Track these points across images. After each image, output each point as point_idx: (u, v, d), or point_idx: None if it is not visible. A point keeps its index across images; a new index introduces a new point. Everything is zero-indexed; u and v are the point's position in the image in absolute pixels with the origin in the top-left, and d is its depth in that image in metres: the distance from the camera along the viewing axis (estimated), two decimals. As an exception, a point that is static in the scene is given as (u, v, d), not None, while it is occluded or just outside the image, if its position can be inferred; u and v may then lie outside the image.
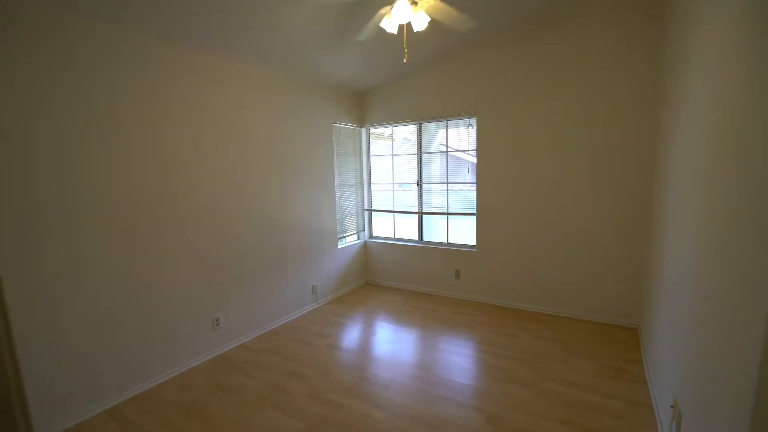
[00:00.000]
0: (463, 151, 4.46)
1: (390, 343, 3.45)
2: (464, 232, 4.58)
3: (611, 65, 3.34)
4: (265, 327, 3.68)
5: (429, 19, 2.32)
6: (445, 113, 4.33)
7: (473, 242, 4.35)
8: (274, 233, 3.73)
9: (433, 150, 4.72)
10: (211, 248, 3.15)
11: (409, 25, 2.76)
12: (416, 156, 4.74)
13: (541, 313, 3.93)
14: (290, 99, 3.85)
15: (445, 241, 4.68)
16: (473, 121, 4.19)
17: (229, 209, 3.28)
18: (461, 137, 4.46)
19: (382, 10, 2.50)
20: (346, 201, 4.84)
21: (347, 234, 4.90)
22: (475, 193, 4.24)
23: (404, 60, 2.59)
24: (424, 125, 4.63)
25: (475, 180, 4.23)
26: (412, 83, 4.48)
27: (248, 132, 3.43)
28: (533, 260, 3.95)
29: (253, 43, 3.09)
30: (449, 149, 4.60)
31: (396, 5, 2.18)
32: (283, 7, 2.66)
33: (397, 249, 4.92)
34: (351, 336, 3.59)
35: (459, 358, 3.09)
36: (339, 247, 4.68)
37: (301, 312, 4.10)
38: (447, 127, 4.52)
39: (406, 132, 5.00)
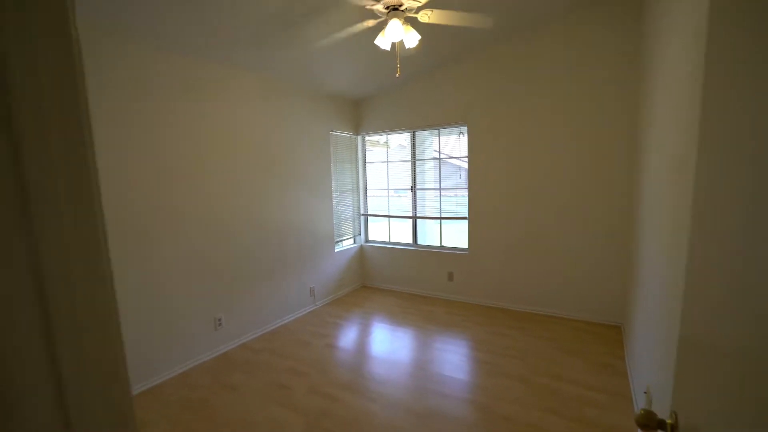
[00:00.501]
0: (455, 157, 4.64)
1: (386, 342, 3.60)
2: (457, 236, 4.74)
3: (597, 72, 3.53)
4: (265, 327, 3.80)
5: (420, 38, 2.50)
6: (438, 122, 4.51)
7: (465, 245, 4.52)
8: (273, 237, 3.87)
9: (426, 157, 4.89)
10: (213, 251, 3.28)
11: (401, 42, 2.93)
12: (410, 162, 4.91)
13: (531, 313, 4.09)
14: (289, 107, 4.02)
15: (439, 245, 4.84)
16: (464, 129, 4.37)
17: (230, 213, 3.42)
18: (453, 144, 4.64)
19: (367, 23, 2.68)
20: (343, 206, 4.99)
21: (344, 238, 5.05)
22: (466, 198, 4.41)
23: (397, 74, 2.76)
24: (417, 133, 4.81)
25: (466, 185, 4.40)
26: (405, 92, 4.66)
27: (248, 139, 3.58)
28: (523, 262, 4.12)
29: (252, 54, 3.25)
30: (442, 156, 4.78)
31: (389, 25, 2.35)
32: (280, 16, 2.83)
33: (392, 252, 5.07)
34: (348, 336, 3.73)
35: (452, 356, 3.24)
36: (336, 250, 4.82)
37: (299, 313, 4.23)
38: (440, 134, 4.70)
39: (401, 139, 5.17)
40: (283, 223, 3.99)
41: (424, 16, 2.63)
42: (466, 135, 4.36)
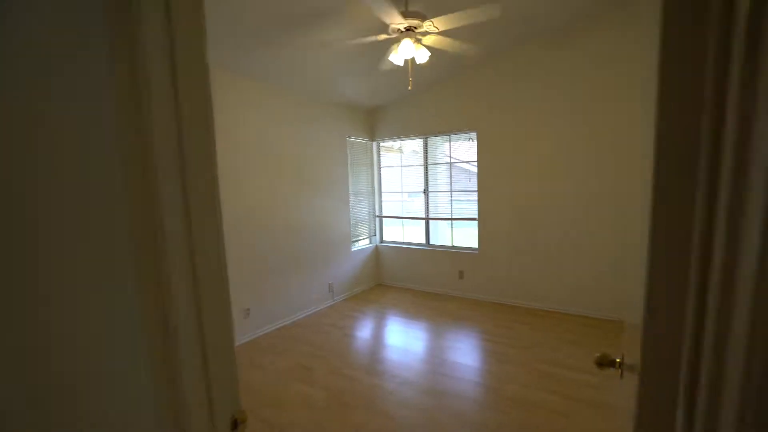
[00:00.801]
0: (465, 162, 4.90)
1: (400, 333, 3.87)
2: (467, 237, 4.99)
3: (605, 74, 3.71)
4: (288, 318, 4.12)
5: (429, 54, 2.79)
6: (448, 128, 4.78)
7: (475, 245, 4.76)
8: (295, 236, 4.21)
9: (438, 161, 5.16)
10: (242, 247, 3.62)
11: (413, 58, 3.23)
12: (423, 167, 5.19)
13: (538, 310, 4.29)
14: (310, 117, 4.37)
15: (450, 245, 5.09)
16: (474, 135, 4.64)
17: (256, 214, 3.77)
18: (464, 149, 4.91)
19: (391, 45, 3.00)
20: (359, 208, 5.30)
21: (360, 238, 5.35)
22: (476, 200, 4.66)
23: (409, 87, 3.05)
24: (429, 139, 5.09)
25: (476, 188, 4.66)
26: (418, 101, 4.96)
27: (272, 146, 3.93)
28: (531, 261, 4.34)
29: (282, 73, 3.62)
30: (453, 160, 5.05)
31: (402, 44, 2.65)
32: (310, 49, 3.17)
33: (406, 252, 5.34)
34: (365, 327, 4.02)
35: (462, 345, 3.48)
36: (353, 250, 5.13)
37: (319, 307, 4.54)
38: (450, 140, 4.97)
39: (414, 145, 5.46)
40: (303, 223, 4.33)
41: (431, 27, 2.90)
42: (475, 140, 4.62)
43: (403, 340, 3.70)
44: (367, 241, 5.51)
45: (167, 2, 0.69)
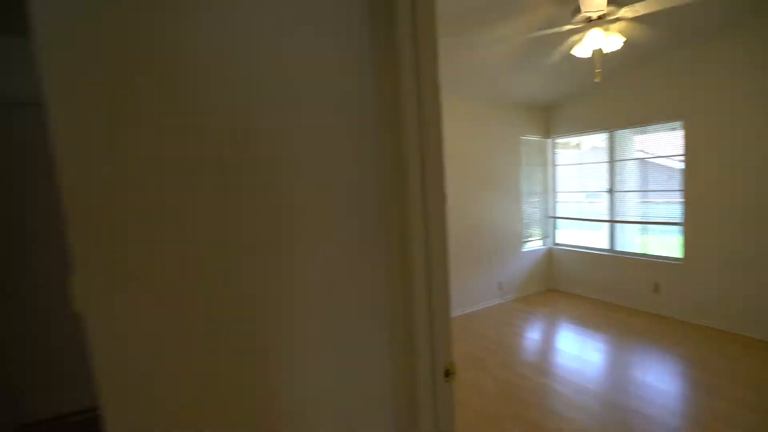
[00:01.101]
0: (664, 156, 4.20)
1: (574, 341, 3.64)
2: (662, 243, 4.27)
3: None
4: (460, 310, 4.37)
5: (624, 40, 2.57)
6: (642, 120, 4.18)
7: (677, 254, 4.03)
8: (470, 232, 4.43)
9: (627, 157, 4.56)
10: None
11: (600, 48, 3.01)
12: (607, 164, 4.67)
13: (759, 340, 3.37)
14: (485, 119, 4.52)
15: (642, 252, 4.45)
16: (677, 124, 3.93)
17: (434, 212, 4.12)
18: (661, 143, 4.21)
19: (574, 37, 2.88)
20: (532, 208, 5.15)
21: (532, 239, 5.19)
22: (677, 202, 3.95)
23: (596, 80, 2.87)
24: (617, 132, 4.55)
25: (679, 187, 3.94)
26: (601, 92, 4.49)
27: (451, 148, 4.22)
28: (752, 279, 3.42)
29: (461, 80, 3.88)
30: (647, 156, 4.39)
31: (589, 34, 2.53)
32: (481, 50, 3.31)
33: (583, 257, 4.92)
34: (536, 329, 3.93)
35: (654, 366, 3.06)
36: (523, 250, 5.02)
37: (488, 304, 4.64)
38: (644, 132, 4.33)
39: (595, 140, 4.97)
40: (477, 220, 4.51)
41: (629, 12, 2.62)
42: (680, 131, 3.91)
43: (577, 348, 3.47)
44: (539, 242, 5.30)
45: (414, 32, 0.93)
